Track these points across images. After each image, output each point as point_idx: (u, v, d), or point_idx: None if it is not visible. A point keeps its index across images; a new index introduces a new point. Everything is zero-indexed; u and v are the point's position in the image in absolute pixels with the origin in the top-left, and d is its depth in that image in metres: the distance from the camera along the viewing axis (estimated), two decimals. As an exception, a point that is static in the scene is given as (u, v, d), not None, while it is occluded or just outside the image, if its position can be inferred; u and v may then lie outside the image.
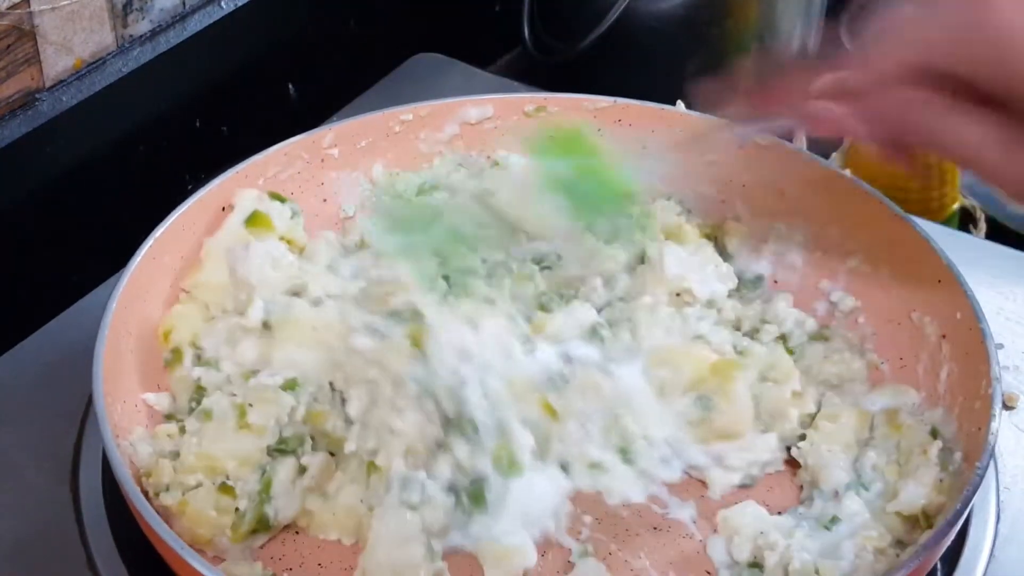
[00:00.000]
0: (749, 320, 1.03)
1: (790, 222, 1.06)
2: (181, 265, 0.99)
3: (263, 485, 0.88)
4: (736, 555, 0.88)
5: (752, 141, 1.05)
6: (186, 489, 0.87)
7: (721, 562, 0.88)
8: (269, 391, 0.91)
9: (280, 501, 0.88)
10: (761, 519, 0.90)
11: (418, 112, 1.09)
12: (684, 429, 0.94)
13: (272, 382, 0.92)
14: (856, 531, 0.87)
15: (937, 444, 0.90)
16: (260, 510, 0.87)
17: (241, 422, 0.89)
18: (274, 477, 0.88)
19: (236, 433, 0.89)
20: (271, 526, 0.88)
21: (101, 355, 0.88)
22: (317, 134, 1.06)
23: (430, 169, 1.11)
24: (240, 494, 0.87)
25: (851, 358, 1.00)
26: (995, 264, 1.11)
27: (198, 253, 1.00)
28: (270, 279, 0.96)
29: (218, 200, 1.01)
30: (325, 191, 1.08)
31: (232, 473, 0.88)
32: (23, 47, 1.07)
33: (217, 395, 0.92)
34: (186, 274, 0.99)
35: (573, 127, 1.00)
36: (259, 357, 0.95)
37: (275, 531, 0.89)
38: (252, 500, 0.87)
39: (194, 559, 0.79)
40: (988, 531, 0.91)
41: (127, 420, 0.91)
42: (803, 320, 1.02)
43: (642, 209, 1.09)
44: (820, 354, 1.00)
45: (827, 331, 1.02)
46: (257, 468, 0.88)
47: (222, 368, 0.95)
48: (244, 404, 0.90)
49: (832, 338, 1.02)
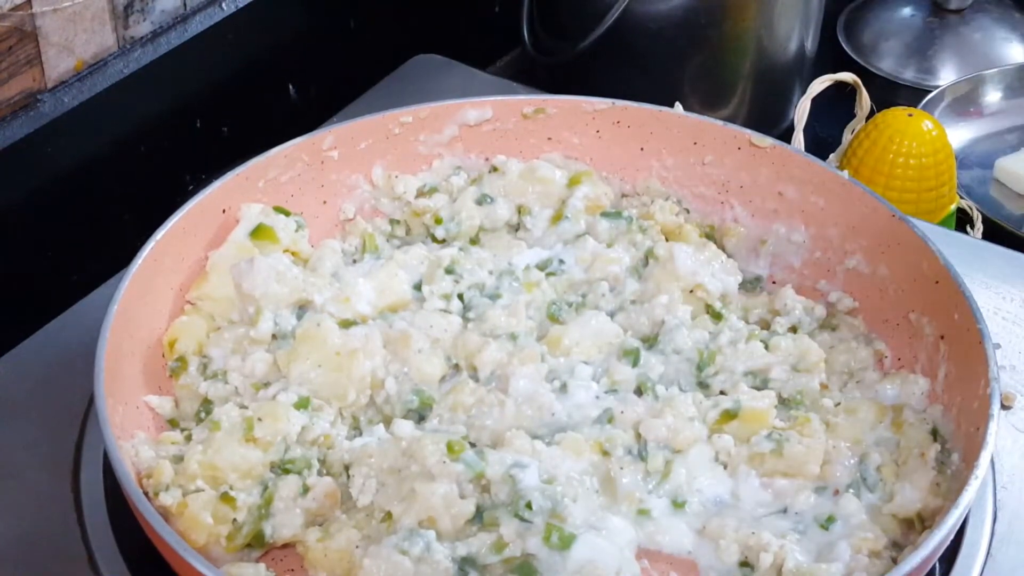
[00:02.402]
0: (757, 312, 1.03)
1: (789, 223, 1.07)
2: (183, 267, 0.99)
3: (264, 500, 0.87)
4: (725, 558, 0.87)
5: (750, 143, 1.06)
6: (187, 492, 0.87)
7: (708, 565, 0.88)
8: (280, 407, 0.91)
9: (279, 519, 0.87)
10: (751, 519, 0.90)
11: (417, 114, 1.09)
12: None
13: (284, 398, 0.92)
14: (852, 532, 0.87)
15: (935, 447, 0.90)
16: (258, 526, 0.87)
17: (248, 435, 0.89)
18: (275, 494, 0.87)
19: (241, 445, 0.89)
20: (266, 543, 0.87)
21: (102, 355, 0.88)
22: (317, 136, 1.07)
23: (429, 171, 1.11)
24: (240, 506, 0.86)
25: (857, 347, 1.00)
26: (992, 265, 1.11)
27: (199, 255, 1.00)
28: (275, 293, 0.96)
29: (219, 203, 1.02)
30: (325, 193, 1.08)
31: (234, 484, 0.87)
32: (25, 48, 1.07)
33: (228, 406, 0.92)
34: (191, 285, 0.99)
35: None
36: (270, 370, 0.95)
37: (269, 548, 0.88)
38: (251, 514, 0.87)
39: (196, 559, 0.79)
40: (985, 530, 0.92)
41: (129, 422, 0.91)
42: (811, 307, 1.03)
43: (641, 211, 1.09)
44: (827, 343, 1.01)
45: (834, 319, 1.03)
46: (259, 483, 0.88)
47: (230, 380, 0.95)
48: (253, 418, 0.90)
49: (839, 327, 1.03)
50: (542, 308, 1.01)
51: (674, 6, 1.33)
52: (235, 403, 0.93)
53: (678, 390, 0.97)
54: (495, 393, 0.94)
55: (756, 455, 0.91)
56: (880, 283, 1.02)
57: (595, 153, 1.11)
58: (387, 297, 1.00)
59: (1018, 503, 0.94)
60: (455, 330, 0.98)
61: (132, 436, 0.90)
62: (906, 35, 1.60)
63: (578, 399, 0.95)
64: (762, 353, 0.98)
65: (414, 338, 0.96)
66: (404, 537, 0.84)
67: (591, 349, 0.98)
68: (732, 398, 0.95)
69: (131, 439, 0.90)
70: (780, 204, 1.07)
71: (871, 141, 1.26)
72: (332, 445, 0.91)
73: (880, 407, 0.95)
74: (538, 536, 0.85)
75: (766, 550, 0.86)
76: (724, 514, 0.90)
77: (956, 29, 1.59)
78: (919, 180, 1.25)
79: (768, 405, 0.94)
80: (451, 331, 0.98)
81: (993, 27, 1.60)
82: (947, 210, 1.28)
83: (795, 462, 0.90)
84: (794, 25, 1.39)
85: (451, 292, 1.01)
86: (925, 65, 1.57)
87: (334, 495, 0.89)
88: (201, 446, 0.89)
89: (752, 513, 0.90)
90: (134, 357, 0.94)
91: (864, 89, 1.29)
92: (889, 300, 1.01)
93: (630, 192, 1.12)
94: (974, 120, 1.49)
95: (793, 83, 1.44)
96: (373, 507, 0.88)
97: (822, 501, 0.90)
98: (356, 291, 0.99)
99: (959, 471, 0.88)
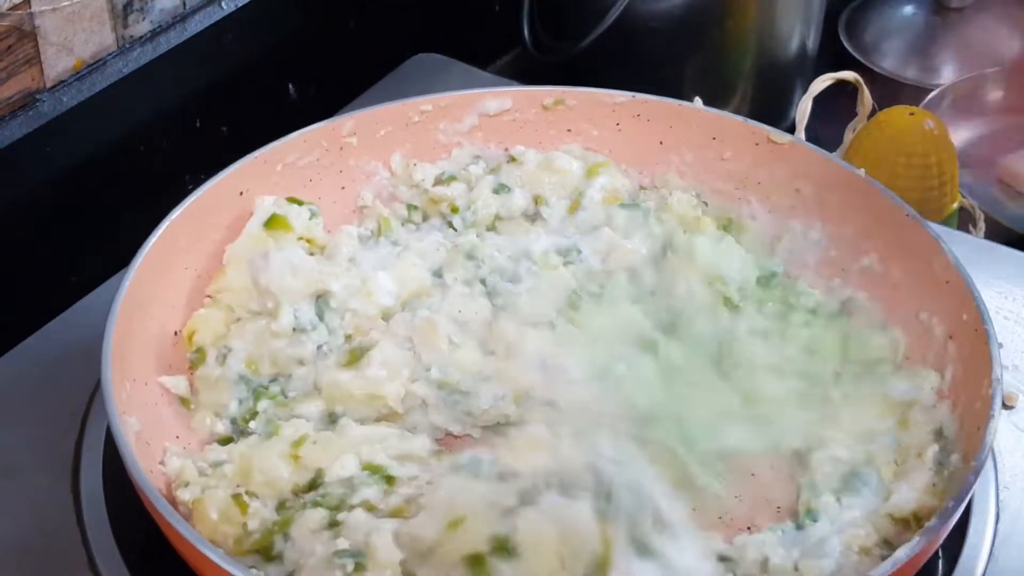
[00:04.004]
0: (772, 305, 1.03)
1: (805, 220, 1.07)
2: (198, 248, 0.99)
3: (281, 521, 0.85)
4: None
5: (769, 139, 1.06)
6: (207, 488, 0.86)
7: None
8: (343, 441, 0.89)
9: (299, 545, 0.84)
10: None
11: (438, 103, 1.10)
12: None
13: (349, 433, 0.91)
14: (844, 528, 0.87)
15: (934, 448, 0.89)
16: (269, 539, 0.84)
17: (293, 451, 0.88)
18: (295, 521, 0.84)
19: (281, 457, 0.88)
20: (273, 557, 0.85)
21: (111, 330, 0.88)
22: (337, 122, 1.07)
23: (448, 160, 1.11)
24: (252, 512, 0.85)
25: (871, 334, 1.00)
26: (994, 264, 1.11)
27: (215, 236, 1.00)
28: (291, 287, 0.96)
29: (237, 185, 1.02)
30: (344, 179, 1.09)
31: (256, 490, 0.86)
32: (24, 48, 1.07)
33: (295, 422, 0.91)
34: (205, 266, 0.99)
35: None
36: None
37: (276, 564, 0.85)
38: (264, 525, 0.85)
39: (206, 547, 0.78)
40: (987, 530, 0.91)
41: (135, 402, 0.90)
42: (832, 288, 1.04)
43: (659, 202, 1.09)
44: (843, 331, 1.01)
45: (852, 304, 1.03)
46: (276, 497, 0.87)
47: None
48: (307, 435, 0.89)
49: (854, 314, 1.02)
50: (563, 295, 1.02)
51: (675, 5, 1.33)
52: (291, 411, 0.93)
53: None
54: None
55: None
56: (893, 282, 1.02)
57: (614, 145, 1.12)
58: (408, 286, 1.00)
59: (1021, 503, 0.94)
60: (485, 314, 0.99)
61: (165, 451, 0.90)
62: (908, 34, 1.60)
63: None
64: (779, 344, 0.98)
65: (441, 325, 0.96)
66: None
67: (614, 339, 0.99)
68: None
69: (163, 454, 0.90)
70: (797, 201, 1.07)
71: (872, 140, 1.25)
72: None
73: (888, 403, 0.95)
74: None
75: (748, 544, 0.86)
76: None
77: (958, 28, 1.59)
78: (921, 179, 1.24)
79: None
80: (481, 314, 0.99)
81: (995, 25, 1.60)
82: (949, 209, 1.28)
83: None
84: (795, 24, 1.39)
85: (473, 277, 1.01)
86: (927, 64, 1.57)
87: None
88: (254, 439, 0.89)
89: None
90: (145, 334, 0.94)
91: (865, 88, 1.29)
92: (900, 300, 1.01)
93: (648, 185, 1.12)
94: (976, 119, 1.49)
95: (794, 82, 1.43)
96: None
97: (813, 496, 0.90)
98: (377, 284, 0.99)
99: (957, 472, 0.87)
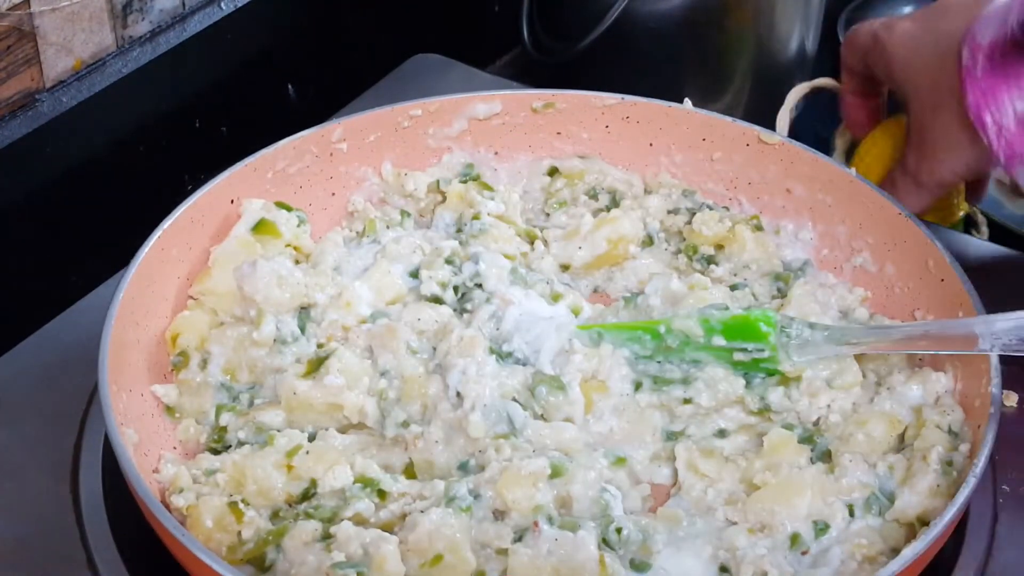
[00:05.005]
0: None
1: (797, 220, 1.07)
2: (189, 256, 0.99)
3: (275, 531, 0.85)
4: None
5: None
6: (201, 495, 0.86)
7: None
8: (335, 452, 0.89)
9: (290, 556, 0.84)
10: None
11: (427, 107, 1.10)
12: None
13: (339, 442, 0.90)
14: (847, 538, 0.86)
15: (938, 449, 0.88)
16: (262, 550, 0.84)
17: (287, 461, 0.88)
18: (288, 532, 0.84)
19: (275, 467, 0.87)
20: (265, 568, 0.85)
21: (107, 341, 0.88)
22: (326, 128, 1.07)
23: (438, 165, 1.11)
24: (247, 521, 0.85)
25: None
26: (996, 264, 1.11)
27: (206, 245, 1.00)
28: (277, 298, 0.96)
29: (227, 193, 1.02)
30: (334, 185, 1.09)
31: (250, 500, 0.86)
32: (23, 48, 1.07)
33: (290, 432, 0.91)
34: (193, 279, 0.99)
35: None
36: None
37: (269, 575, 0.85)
38: (258, 534, 0.85)
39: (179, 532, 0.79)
40: (985, 533, 0.91)
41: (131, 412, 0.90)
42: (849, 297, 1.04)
43: (683, 228, 1.10)
44: None
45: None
46: (271, 507, 0.87)
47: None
48: (301, 445, 0.89)
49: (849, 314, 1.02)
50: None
51: (674, 5, 1.33)
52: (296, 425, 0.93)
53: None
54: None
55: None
56: (887, 281, 1.02)
57: (604, 148, 1.12)
58: (384, 295, 1.00)
59: (1019, 505, 0.94)
60: (444, 321, 0.97)
61: (159, 459, 0.90)
62: (907, 34, 1.59)
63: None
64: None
65: (400, 332, 0.95)
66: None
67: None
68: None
69: (132, 426, 0.89)
70: (788, 201, 1.08)
71: (879, 150, 1.24)
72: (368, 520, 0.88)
73: (897, 421, 0.92)
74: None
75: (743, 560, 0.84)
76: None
77: (957, 28, 1.59)
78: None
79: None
80: (440, 321, 0.97)
81: (994, 26, 1.59)
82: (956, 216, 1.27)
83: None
84: (794, 24, 1.39)
85: (448, 281, 1.00)
86: (927, 64, 1.56)
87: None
88: (239, 456, 0.88)
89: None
90: (139, 345, 0.94)
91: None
92: (896, 298, 1.01)
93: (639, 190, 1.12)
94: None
95: (793, 83, 1.43)
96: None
97: (822, 508, 0.88)
98: (354, 294, 0.99)
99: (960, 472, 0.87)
